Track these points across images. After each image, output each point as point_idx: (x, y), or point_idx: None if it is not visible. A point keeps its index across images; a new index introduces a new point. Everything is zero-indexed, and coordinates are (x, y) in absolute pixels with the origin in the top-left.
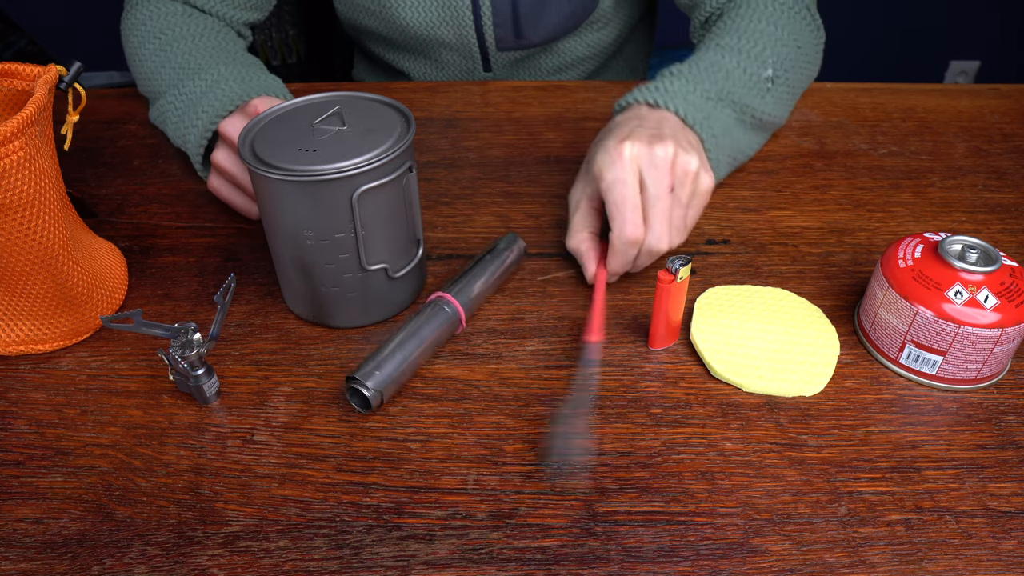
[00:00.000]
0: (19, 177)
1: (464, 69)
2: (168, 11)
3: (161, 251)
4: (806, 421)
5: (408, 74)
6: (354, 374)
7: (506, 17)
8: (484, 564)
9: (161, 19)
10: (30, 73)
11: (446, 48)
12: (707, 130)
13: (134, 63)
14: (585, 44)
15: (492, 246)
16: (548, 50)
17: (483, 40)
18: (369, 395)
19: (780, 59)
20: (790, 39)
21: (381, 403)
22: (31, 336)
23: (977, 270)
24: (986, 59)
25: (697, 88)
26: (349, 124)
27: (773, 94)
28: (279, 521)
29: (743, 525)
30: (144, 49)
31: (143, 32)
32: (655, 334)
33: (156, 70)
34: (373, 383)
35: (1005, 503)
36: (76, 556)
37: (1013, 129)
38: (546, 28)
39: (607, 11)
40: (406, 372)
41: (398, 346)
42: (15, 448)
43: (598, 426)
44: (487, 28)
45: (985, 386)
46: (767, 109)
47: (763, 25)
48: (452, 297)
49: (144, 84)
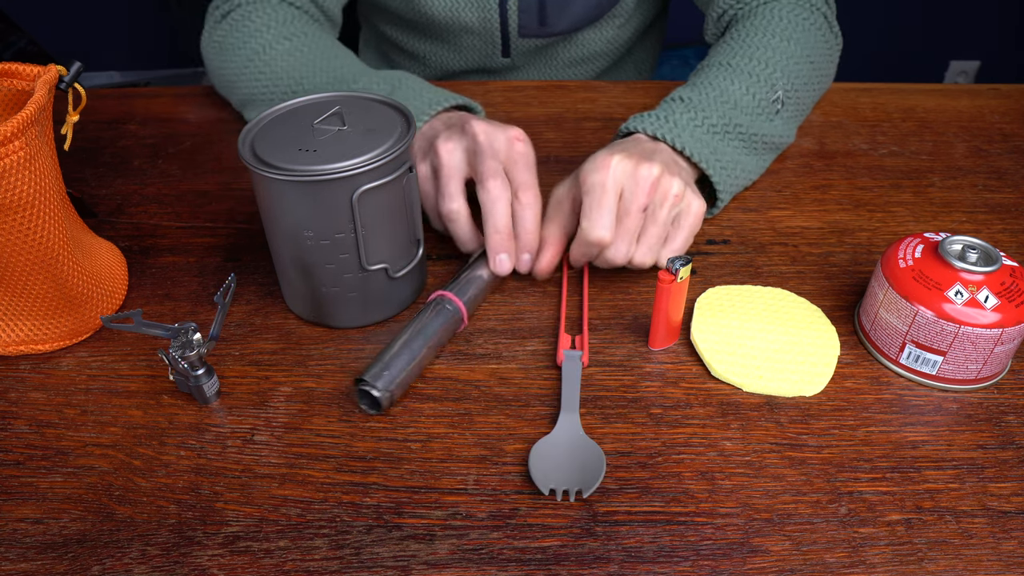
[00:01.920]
0: (19, 177)
1: (482, 54)
2: (292, 15)
3: (161, 251)
4: (806, 421)
5: (422, 58)
6: (363, 376)
7: (532, 3)
8: (484, 564)
9: (290, 23)
10: (30, 73)
11: (466, 32)
12: (714, 164)
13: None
14: (603, 39)
15: None
16: (567, 40)
17: (506, 25)
18: (379, 396)
19: (791, 79)
20: (803, 56)
21: (391, 403)
22: (31, 336)
23: (977, 270)
24: (986, 59)
25: (704, 122)
26: (349, 124)
27: (782, 115)
28: (279, 521)
29: (743, 525)
30: (273, 49)
31: (271, 33)
32: (655, 334)
33: (294, 71)
34: (383, 384)
35: (1005, 503)
36: (76, 556)
37: (1013, 129)
38: (570, 17)
39: (629, 6)
40: (413, 372)
41: (404, 346)
42: (15, 448)
43: (598, 426)
44: (512, 13)
45: (985, 386)
46: (775, 132)
47: (775, 41)
48: (453, 295)
49: (271, 83)
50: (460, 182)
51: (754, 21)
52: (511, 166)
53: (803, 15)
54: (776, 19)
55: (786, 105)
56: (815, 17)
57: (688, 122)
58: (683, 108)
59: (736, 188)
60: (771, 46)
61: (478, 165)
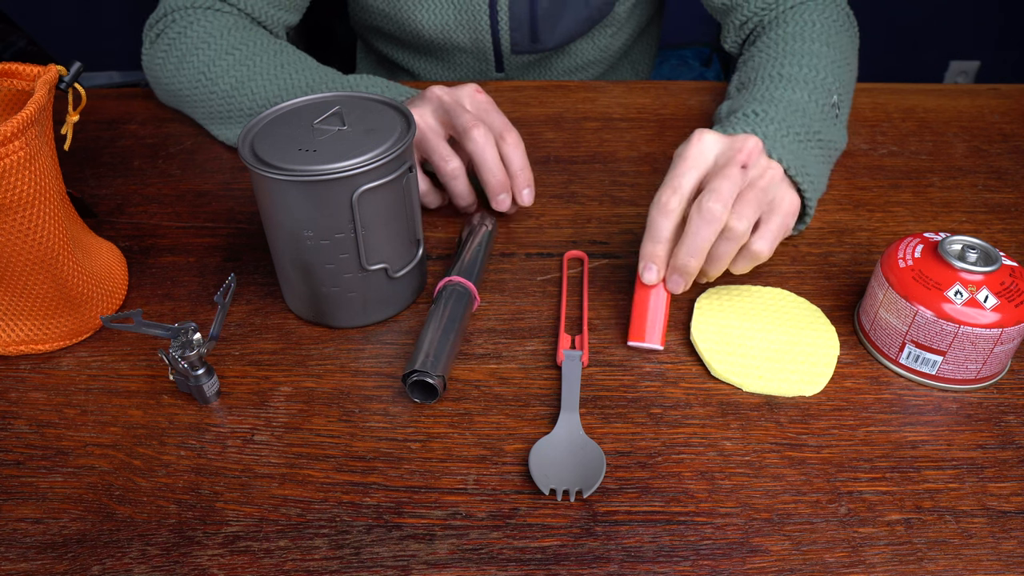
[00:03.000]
0: (19, 177)
1: (477, 70)
2: (228, 24)
3: (161, 251)
4: (806, 421)
5: (417, 74)
6: (413, 367)
7: (523, 21)
8: (484, 564)
9: (228, 34)
10: (30, 73)
11: (459, 51)
12: (806, 177)
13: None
14: (597, 47)
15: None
16: (560, 53)
17: (498, 44)
18: (434, 382)
19: (840, 82)
20: (843, 59)
21: (444, 387)
22: (31, 336)
23: (977, 270)
24: (986, 59)
25: (789, 131)
26: (349, 124)
27: (840, 120)
28: (279, 521)
29: (743, 525)
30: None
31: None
32: (632, 327)
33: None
34: (437, 370)
35: (1005, 503)
36: (76, 556)
37: (1013, 129)
38: (562, 32)
39: (621, 16)
40: (453, 355)
41: (440, 332)
42: (15, 448)
43: (598, 426)
44: (503, 32)
45: (985, 386)
46: (839, 138)
47: (817, 47)
48: (461, 278)
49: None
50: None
51: (788, 28)
52: (483, 115)
53: (832, 16)
54: (810, 24)
55: (840, 109)
56: (840, 16)
57: (775, 132)
58: (766, 121)
59: (816, 200)
60: (814, 52)
61: (455, 120)
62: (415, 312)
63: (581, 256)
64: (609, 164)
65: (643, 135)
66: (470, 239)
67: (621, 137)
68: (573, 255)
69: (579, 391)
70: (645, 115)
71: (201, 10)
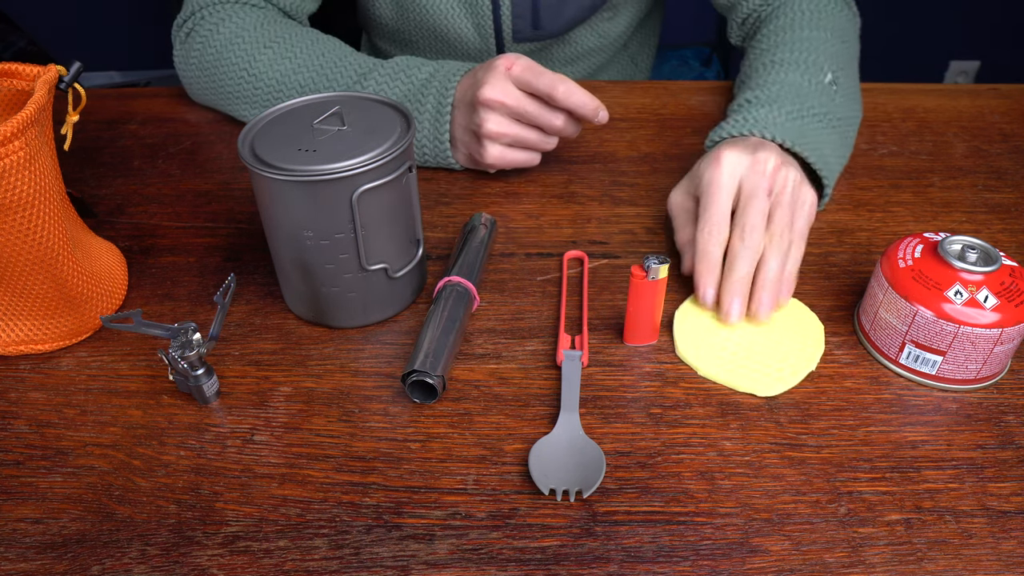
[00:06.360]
0: (19, 177)
1: (477, 60)
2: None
3: (161, 251)
4: (806, 421)
5: None
6: (413, 367)
7: (525, 8)
8: (484, 564)
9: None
10: (30, 73)
11: (460, 39)
12: (807, 148)
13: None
14: (596, 34)
15: (468, 226)
16: (560, 40)
17: (500, 31)
18: (434, 382)
19: (833, 60)
20: (835, 38)
21: (444, 387)
22: (31, 336)
23: (977, 270)
24: (986, 59)
25: (781, 111)
26: (349, 124)
27: (840, 94)
28: (279, 521)
29: (743, 525)
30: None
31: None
32: (628, 329)
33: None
34: (435, 370)
35: (1005, 503)
36: (76, 556)
37: (1013, 129)
38: (564, 19)
39: None
40: (452, 355)
41: (439, 332)
42: (15, 448)
43: (598, 426)
44: (505, 19)
45: (985, 386)
46: (842, 110)
47: (807, 32)
48: (461, 278)
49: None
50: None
51: (780, 20)
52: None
53: (822, 2)
54: (799, 13)
55: (839, 84)
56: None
57: (766, 115)
58: (757, 107)
59: (834, 170)
60: (804, 37)
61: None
62: (415, 312)
63: (581, 256)
64: (609, 164)
65: (643, 135)
66: (470, 239)
67: (621, 137)
68: (573, 255)
69: (579, 391)
70: (645, 115)
71: (230, 4)
